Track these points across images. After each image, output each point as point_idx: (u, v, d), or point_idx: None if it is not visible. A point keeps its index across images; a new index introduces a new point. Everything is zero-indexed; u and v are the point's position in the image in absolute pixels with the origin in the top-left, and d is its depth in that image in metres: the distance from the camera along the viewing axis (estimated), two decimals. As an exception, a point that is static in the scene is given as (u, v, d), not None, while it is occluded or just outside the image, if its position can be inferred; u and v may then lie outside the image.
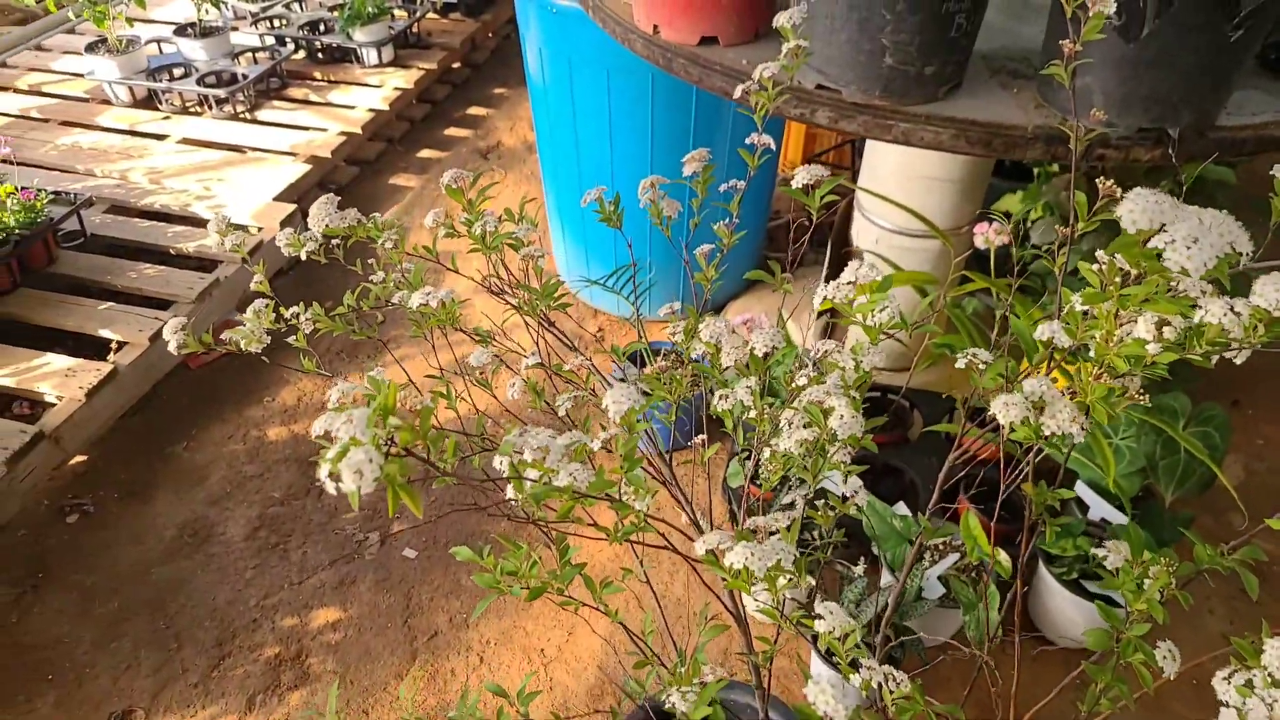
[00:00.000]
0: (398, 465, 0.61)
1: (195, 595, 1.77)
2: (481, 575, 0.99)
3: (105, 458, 2.04)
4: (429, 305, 0.95)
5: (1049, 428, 0.76)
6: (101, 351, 2.12)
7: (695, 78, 1.38)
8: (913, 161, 1.84)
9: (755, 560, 0.79)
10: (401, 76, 3.19)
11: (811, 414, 0.84)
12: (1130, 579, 0.98)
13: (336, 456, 0.57)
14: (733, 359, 0.96)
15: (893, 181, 1.89)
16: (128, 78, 2.96)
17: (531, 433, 0.71)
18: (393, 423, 0.64)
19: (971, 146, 1.25)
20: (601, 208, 1.08)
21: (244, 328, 1.13)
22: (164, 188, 2.62)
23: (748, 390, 0.96)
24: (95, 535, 1.87)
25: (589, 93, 2.05)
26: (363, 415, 0.61)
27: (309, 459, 2.06)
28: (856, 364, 0.85)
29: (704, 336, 0.97)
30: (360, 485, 0.55)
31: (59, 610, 1.73)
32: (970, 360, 0.84)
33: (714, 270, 1.07)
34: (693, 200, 1.15)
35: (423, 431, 0.67)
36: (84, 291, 2.26)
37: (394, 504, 0.60)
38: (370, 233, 1.03)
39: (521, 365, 1.04)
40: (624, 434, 0.76)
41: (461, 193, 1.01)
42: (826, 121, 1.30)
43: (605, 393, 0.76)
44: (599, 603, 1.06)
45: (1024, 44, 1.44)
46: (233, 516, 1.92)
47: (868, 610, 1.58)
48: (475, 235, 1.01)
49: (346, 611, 1.76)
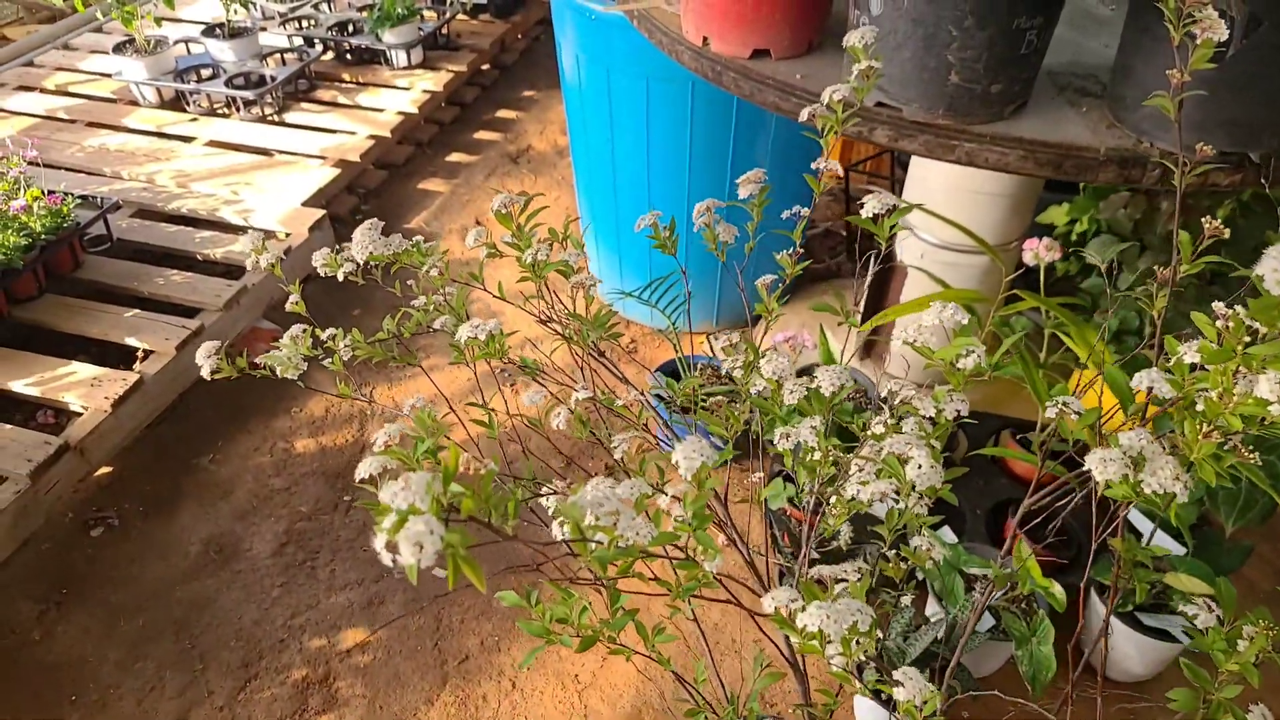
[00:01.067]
0: (459, 535, 0.55)
1: (221, 614, 1.73)
2: (529, 623, 0.94)
3: (130, 470, 2.00)
4: (477, 338, 0.90)
5: (1149, 485, 0.70)
6: (127, 360, 2.09)
7: (746, 92, 1.33)
8: (963, 175, 1.78)
9: (830, 623, 0.74)
10: (430, 79, 3.15)
11: (891, 467, 0.78)
12: (1220, 638, 0.91)
13: (394, 527, 0.52)
14: (796, 397, 0.91)
15: (941, 195, 1.83)
16: (155, 79, 2.93)
17: (594, 491, 0.66)
18: (455, 490, 0.59)
19: (1040, 169, 1.19)
20: (656, 234, 1.02)
21: (280, 354, 1.09)
22: (191, 192, 2.59)
23: (812, 431, 0.91)
24: (120, 550, 1.84)
25: (627, 101, 2.00)
26: (422, 482, 0.56)
27: (337, 472, 2.02)
28: (939, 412, 0.79)
29: (766, 372, 0.92)
30: (420, 559, 0.50)
31: (84, 629, 1.70)
32: (1061, 410, 0.79)
33: (775, 303, 1.01)
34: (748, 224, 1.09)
35: (485, 497, 0.62)
36: (110, 298, 2.23)
37: (455, 577, 0.55)
38: (415, 259, 0.98)
39: (571, 399, 0.99)
40: (694, 490, 0.71)
41: (510, 218, 0.96)
42: (886, 140, 1.24)
43: (654, 422, 0.71)
44: (651, 650, 1.01)
45: (1089, 59, 1.38)
46: (259, 532, 1.89)
47: (916, 644, 1.53)
48: (526, 264, 0.96)
49: (375, 633, 1.72)
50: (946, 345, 0.79)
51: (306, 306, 1.08)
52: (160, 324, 2.13)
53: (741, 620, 1.74)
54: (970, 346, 0.77)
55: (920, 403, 0.79)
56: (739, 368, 0.98)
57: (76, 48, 3.38)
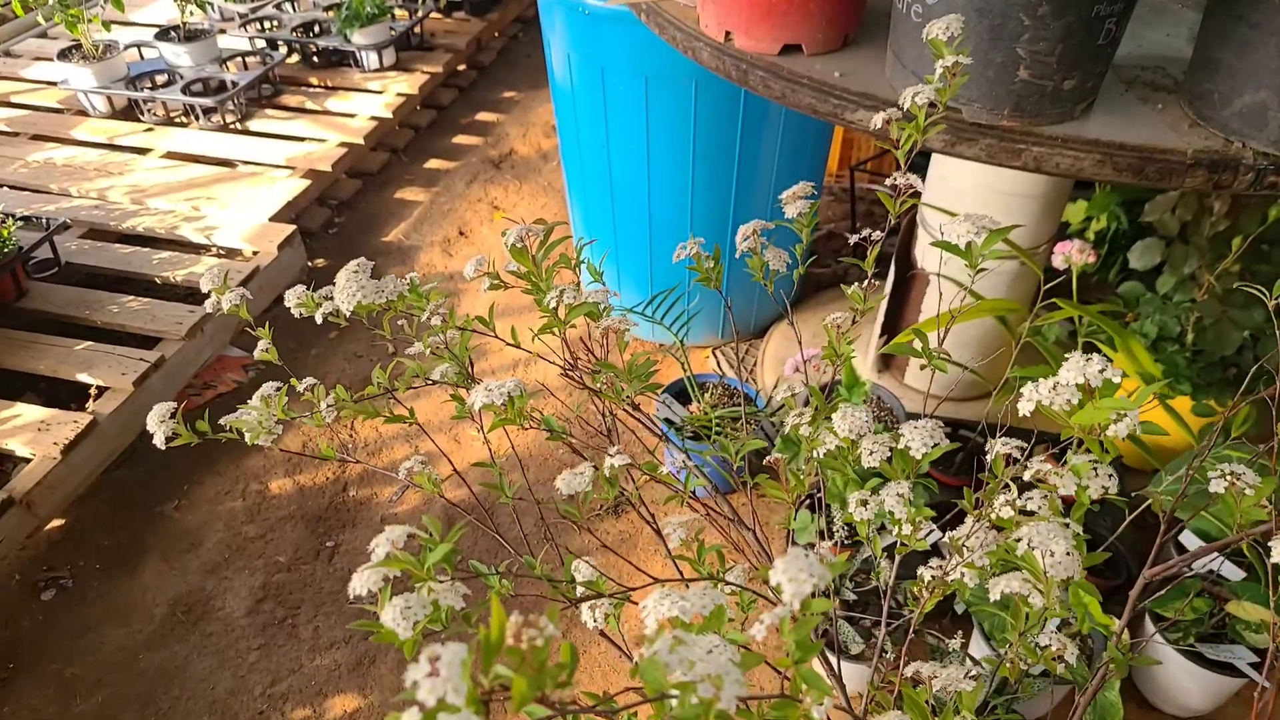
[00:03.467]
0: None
1: (191, 685, 1.55)
2: (566, 750, 0.78)
3: (85, 522, 1.81)
4: (494, 404, 0.74)
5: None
6: (80, 397, 1.90)
7: (778, 93, 1.17)
8: (992, 175, 1.64)
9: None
10: (405, 81, 2.96)
11: (1029, 564, 0.63)
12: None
13: None
14: (877, 459, 0.75)
15: (969, 196, 1.69)
16: (105, 86, 2.72)
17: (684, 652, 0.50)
18: (499, 672, 0.43)
19: (1119, 174, 1.05)
20: (699, 265, 0.86)
21: (249, 418, 0.92)
22: (147, 208, 2.39)
23: (899, 499, 0.76)
24: (75, 614, 1.65)
25: (624, 102, 1.84)
26: (455, 663, 0.40)
27: (318, 515, 1.84)
28: (1081, 489, 0.64)
29: (841, 430, 0.76)
30: None
31: (34, 709, 1.51)
32: (1232, 482, 0.64)
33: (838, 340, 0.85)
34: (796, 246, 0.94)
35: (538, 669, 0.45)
36: (59, 329, 2.03)
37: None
38: (412, 304, 0.81)
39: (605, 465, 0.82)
40: (799, 618, 0.55)
41: (525, 253, 0.80)
42: (941, 145, 1.09)
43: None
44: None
45: (1153, 49, 1.24)
46: (232, 587, 1.71)
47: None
48: (547, 308, 0.80)
49: (366, 698, 1.55)
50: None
51: (276, 329, 0.91)
52: (116, 357, 1.93)
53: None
54: (1120, 410, 0.62)
55: (1058, 479, 0.64)
56: (806, 423, 0.82)
57: (18, 55, 3.14)
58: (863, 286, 0.83)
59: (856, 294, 0.83)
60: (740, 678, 0.48)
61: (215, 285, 0.97)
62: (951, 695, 0.74)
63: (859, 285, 0.83)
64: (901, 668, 0.78)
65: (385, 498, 1.90)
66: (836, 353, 0.84)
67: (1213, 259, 1.66)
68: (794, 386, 1.76)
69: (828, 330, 0.83)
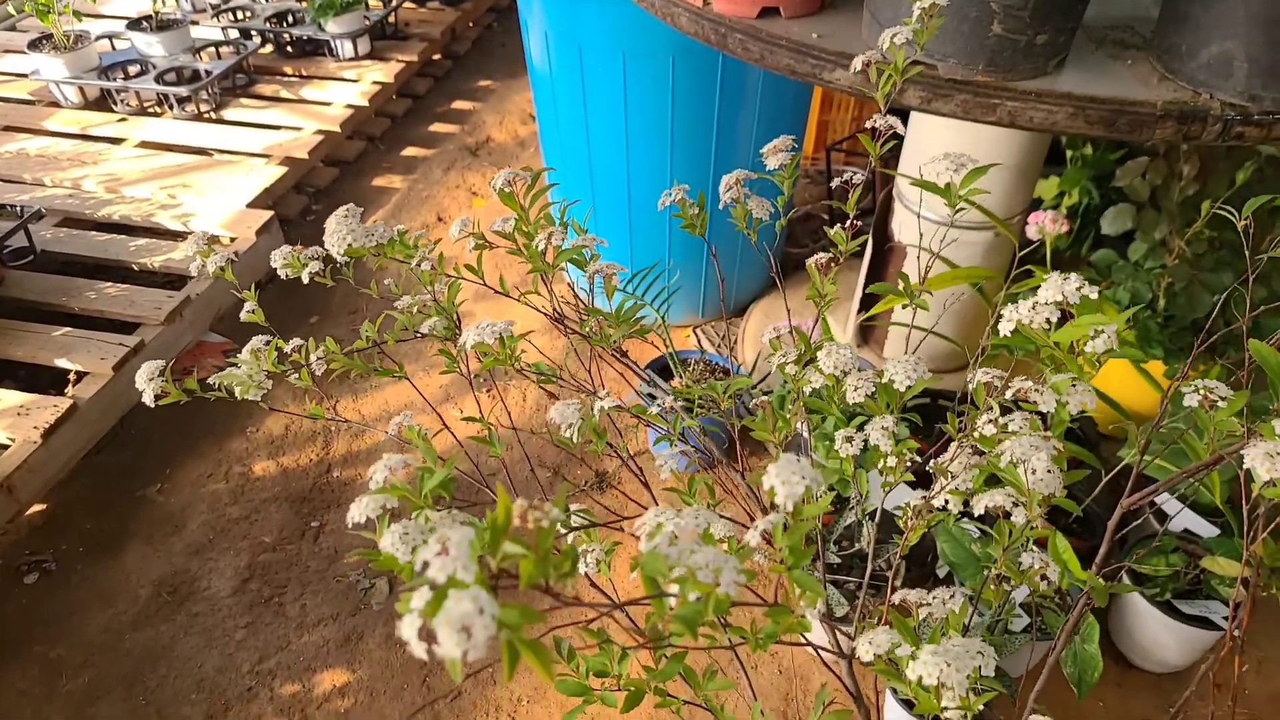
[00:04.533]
0: (518, 612, 0.40)
1: (178, 664, 1.55)
2: (565, 682, 0.79)
3: (67, 506, 1.80)
4: (485, 342, 0.75)
5: (1326, 486, 0.58)
6: (59, 383, 1.89)
7: (756, 55, 1.19)
8: (966, 145, 1.67)
9: (952, 672, 0.61)
10: (380, 70, 2.95)
11: (1010, 477, 0.65)
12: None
13: (430, 607, 0.37)
14: (862, 394, 0.77)
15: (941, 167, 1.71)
16: (77, 76, 2.70)
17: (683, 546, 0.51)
18: (509, 550, 0.44)
19: (1091, 126, 1.07)
20: (684, 212, 0.88)
21: (238, 372, 0.92)
22: (123, 197, 2.37)
23: (884, 432, 0.77)
24: (59, 597, 1.64)
25: (602, 81, 1.85)
26: (464, 543, 0.41)
27: (302, 496, 1.84)
28: (1060, 405, 0.66)
29: (826, 367, 0.78)
30: (468, 649, 0.35)
31: (21, 691, 1.50)
32: (1204, 395, 0.66)
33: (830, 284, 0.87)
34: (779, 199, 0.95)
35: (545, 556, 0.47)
36: (36, 316, 2.01)
37: (512, 669, 0.40)
38: (402, 252, 0.82)
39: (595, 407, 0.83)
40: (790, 522, 0.57)
41: (514, 198, 0.81)
42: (918, 102, 1.11)
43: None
44: (701, 697, 0.87)
45: (1122, 11, 1.27)
46: (217, 568, 1.70)
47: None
48: (534, 251, 0.81)
49: (355, 672, 1.55)
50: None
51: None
52: (95, 342, 1.92)
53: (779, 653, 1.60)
54: (1099, 325, 0.64)
55: (1038, 396, 0.66)
56: (791, 362, 0.84)
57: (-12, 47, 3.12)
58: (844, 227, 0.84)
59: (839, 234, 0.85)
60: (738, 565, 0.50)
61: (200, 248, 0.97)
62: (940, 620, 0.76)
63: (840, 226, 0.85)
64: (889, 595, 0.80)
65: (369, 477, 1.89)
66: (820, 293, 0.86)
67: (1182, 224, 1.69)
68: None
69: (811, 269, 0.85)
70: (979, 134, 1.62)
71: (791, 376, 0.86)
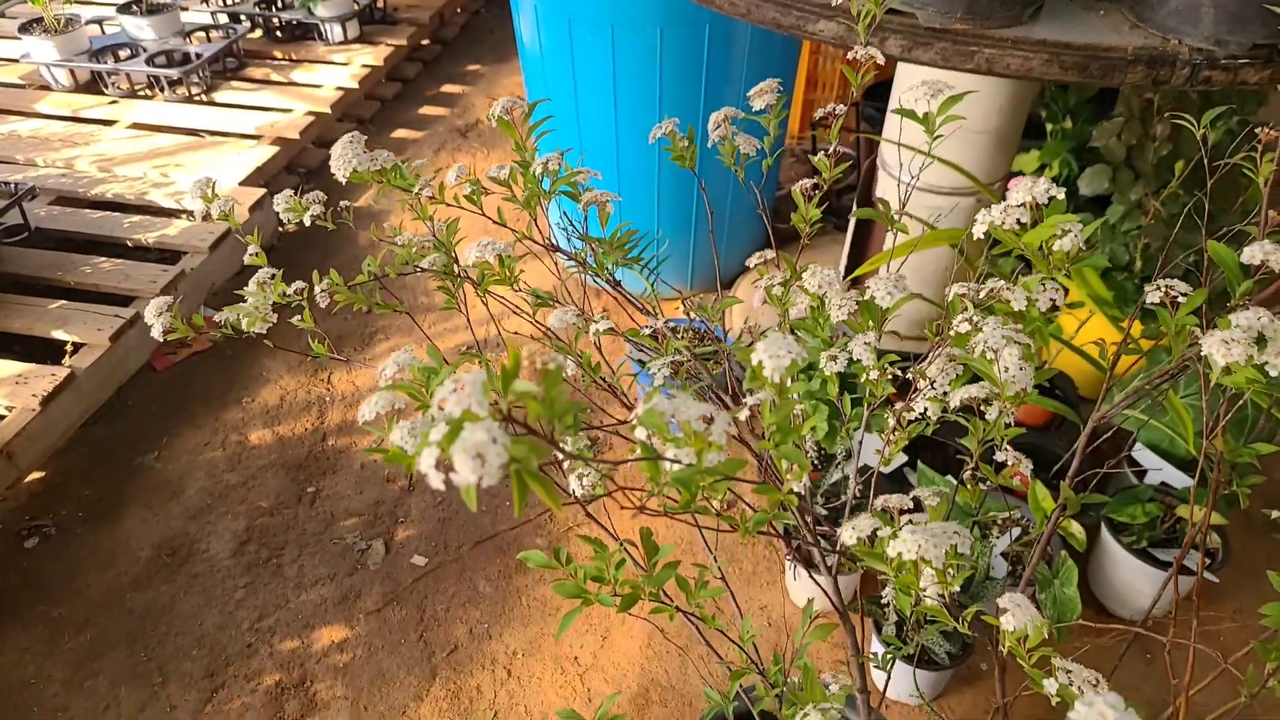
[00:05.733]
0: (528, 446, 0.44)
1: (179, 622, 1.57)
2: (562, 584, 0.82)
3: (65, 473, 1.82)
4: (486, 259, 0.78)
5: (1276, 368, 0.62)
6: (55, 357, 1.91)
7: (742, 10, 1.22)
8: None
9: (930, 548, 0.64)
10: (369, 53, 2.98)
11: (982, 368, 0.68)
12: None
13: (447, 438, 0.40)
14: (845, 312, 0.80)
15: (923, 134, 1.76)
16: (68, 60, 2.72)
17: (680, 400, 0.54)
18: (520, 388, 0.47)
19: (1065, 72, 1.11)
20: (674, 145, 0.91)
21: (245, 305, 0.95)
22: (116, 176, 2.39)
23: (866, 347, 0.81)
24: (59, 560, 1.66)
25: (591, 55, 1.88)
26: (477, 382, 0.45)
27: (298, 463, 1.86)
28: (1030, 302, 0.69)
29: (810, 286, 0.81)
30: (483, 475, 0.39)
31: (23, 649, 1.52)
32: (1165, 293, 0.70)
33: (813, 209, 0.91)
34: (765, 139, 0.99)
35: (552, 399, 0.50)
36: (31, 290, 2.03)
37: (522, 500, 0.44)
38: (403, 182, 0.85)
39: (591, 330, 0.87)
40: (777, 397, 0.60)
41: (512, 125, 0.84)
42: (899, 51, 1.15)
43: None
44: (693, 606, 0.90)
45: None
46: (216, 531, 1.73)
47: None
48: (531, 178, 0.84)
49: (353, 629, 1.58)
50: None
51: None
52: (91, 314, 1.94)
53: (766, 581, 1.64)
54: (1067, 225, 0.68)
55: (1010, 293, 0.70)
56: (778, 284, 0.87)
57: (-23, 34, 3.13)
58: (828, 150, 0.88)
59: (822, 162, 0.88)
60: (729, 418, 0.54)
61: (203, 195, 1.00)
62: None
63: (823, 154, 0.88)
64: (870, 502, 0.83)
65: (364, 445, 1.92)
66: (805, 219, 0.89)
67: (1157, 185, 1.74)
68: (760, 317, 1.82)
69: (795, 194, 0.88)
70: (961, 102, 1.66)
71: (777, 299, 0.90)
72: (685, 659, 1.51)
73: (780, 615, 1.61)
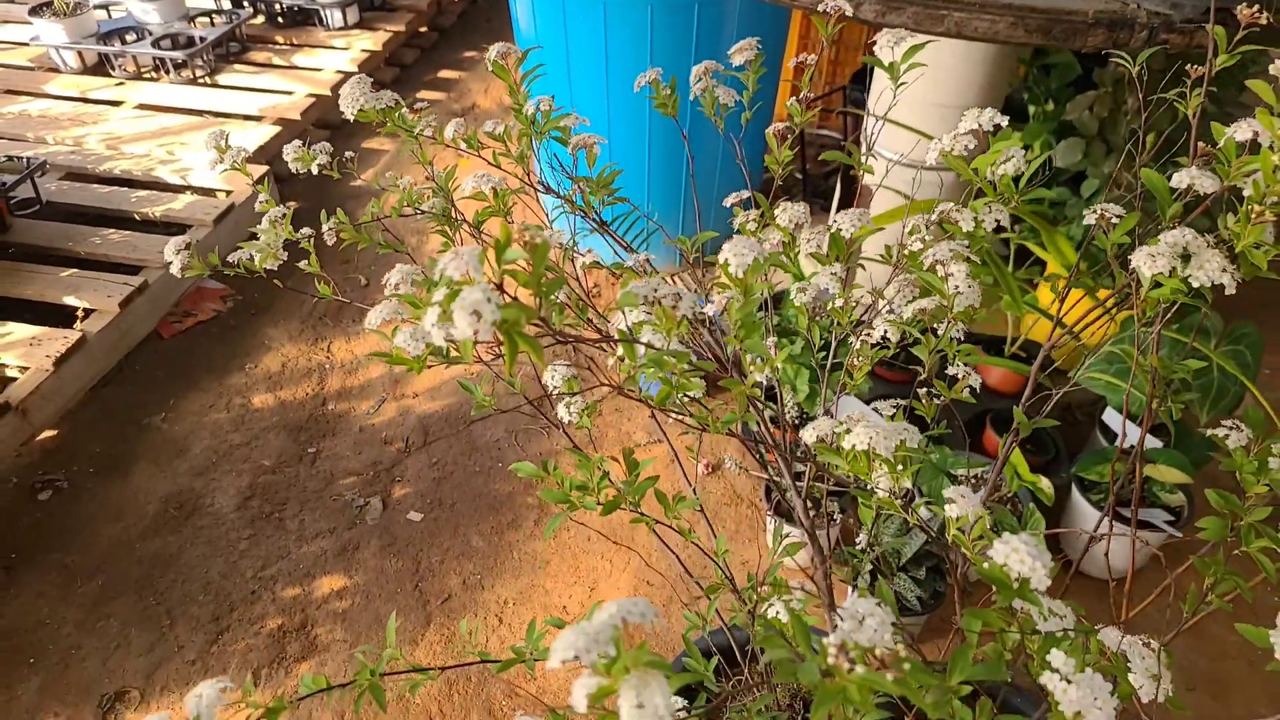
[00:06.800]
0: (517, 309, 0.51)
1: (186, 570, 1.64)
2: (550, 490, 0.89)
3: (77, 432, 1.89)
4: (483, 190, 0.85)
5: (1197, 279, 0.69)
6: (67, 321, 1.97)
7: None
8: (926, 89, 1.78)
9: (880, 439, 0.71)
10: (369, 39, 3.05)
11: (932, 283, 0.75)
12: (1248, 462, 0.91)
13: (447, 298, 0.47)
14: (814, 245, 0.87)
15: (904, 109, 1.83)
16: (76, 42, 2.78)
17: (651, 281, 0.61)
18: (513, 255, 0.54)
19: (1029, 35, 1.18)
20: (657, 92, 0.98)
21: (257, 242, 1.02)
22: (123, 153, 2.46)
23: (832, 276, 0.88)
24: (71, 512, 1.73)
25: (584, 35, 1.95)
26: (474, 252, 0.52)
27: (299, 425, 1.93)
28: (977, 223, 0.76)
29: (782, 221, 0.88)
30: (478, 329, 0.45)
31: (37, 593, 1.59)
32: (1100, 214, 0.77)
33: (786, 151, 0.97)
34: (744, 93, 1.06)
35: (538, 276, 0.57)
36: (43, 260, 2.10)
37: (513, 358, 0.51)
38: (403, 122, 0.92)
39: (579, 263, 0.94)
40: (742, 298, 0.67)
41: (506, 70, 0.91)
42: (873, 16, 1.22)
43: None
44: (671, 519, 0.97)
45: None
46: (220, 487, 1.79)
47: (910, 544, 1.52)
48: (523, 117, 0.91)
49: (352, 578, 1.64)
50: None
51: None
52: (101, 282, 2.01)
53: (745, 511, 1.71)
54: (1011, 151, 0.75)
55: (958, 214, 0.76)
56: (752, 221, 0.94)
57: (-13, 17, 3.19)
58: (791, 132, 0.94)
59: (795, 107, 0.95)
60: (695, 299, 0.61)
61: (217, 146, 1.06)
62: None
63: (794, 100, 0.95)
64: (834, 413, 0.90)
65: (362, 410, 1.99)
66: (778, 160, 0.96)
67: (1130, 159, 1.81)
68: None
69: (769, 137, 0.95)
70: (938, 77, 1.73)
71: (751, 233, 0.96)
72: (670, 610, 1.58)
73: (759, 571, 1.67)
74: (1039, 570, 0.54)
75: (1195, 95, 0.81)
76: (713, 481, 1.84)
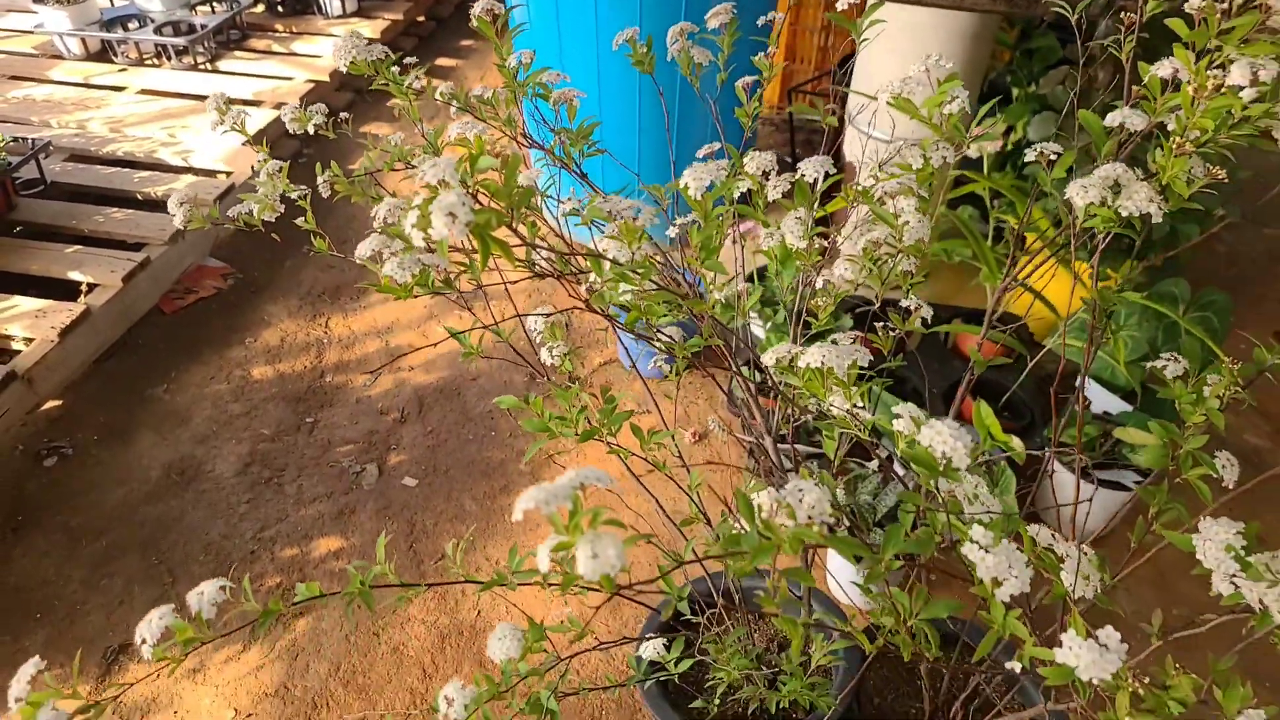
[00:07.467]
0: (489, 214, 0.56)
1: (187, 531, 1.69)
2: (531, 420, 0.95)
3: (81, 402, 1.94)
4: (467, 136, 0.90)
5: (1126, 209, 0.74)
6: (72, 295, 2.03)
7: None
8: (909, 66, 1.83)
9: (833, 358, 0.76)
10: (367, 26, 3.11)
11: (884, 217, 0.81)
12: (1185, 393, 0.96)
13: (426, 202, 0.52)
14: (779, 191, 0.92)
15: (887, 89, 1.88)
16: (80, 29, 2.84)
17: (614, 199, 0.67)
18: (486, 162, 0.60)
19: (994, 2, 1.24)
20: (634, 50, 1.03)
21: (257, 194, 1.08)
22: (126, 136, 2.51)
23: (797, 221, 0.93)
24: (76, 477, 1.78)
25: (575, 20, 2.01)
26: (450, 162, 0.57)
27: (298, 396, 1.99)
28: (926, 160, 0.82)
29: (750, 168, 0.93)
30: (454, 229, 0.51)
31: (44, 552, 1.64)
32: (1041, 152, 0.83)
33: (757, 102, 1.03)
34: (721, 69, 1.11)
35: (510, 188, 0.62)
36: (48, 236, 2.15)
37: (485, 258, 0.56)
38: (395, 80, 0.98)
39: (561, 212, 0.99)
40: (702, 220, 0.72)
41: (490, 25, 0.97)
42: (843, -14, 1.27)
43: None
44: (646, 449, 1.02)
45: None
46: (221, 454, 1.85)
47: (885, 501, 1.57)
48: (507, 72, 0.97)
49: (348, 540, 1.70)
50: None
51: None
52: (105, 258, 2.06)
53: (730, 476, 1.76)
54: (955, 91, 0.80)
55: (907, 152, 0.82)
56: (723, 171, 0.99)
57: (-10, 8, 3.25)
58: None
59: (762, 61, 1.00)
60: (655, 211, 0.66)
61: (218, 107, 1.12)
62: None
63: (761, 54, 1.00)
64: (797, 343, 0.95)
65: (359, 383, 2.05)
66: (747, 113, 1.01)
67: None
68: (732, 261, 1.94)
69: (739, 89, 1.00)
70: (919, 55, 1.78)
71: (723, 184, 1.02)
72: (655, 570, 1.63)
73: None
74: (959, 450, 0.59)
75: (1129, 41, 0.86)
76: (699, 449, 1.89)
